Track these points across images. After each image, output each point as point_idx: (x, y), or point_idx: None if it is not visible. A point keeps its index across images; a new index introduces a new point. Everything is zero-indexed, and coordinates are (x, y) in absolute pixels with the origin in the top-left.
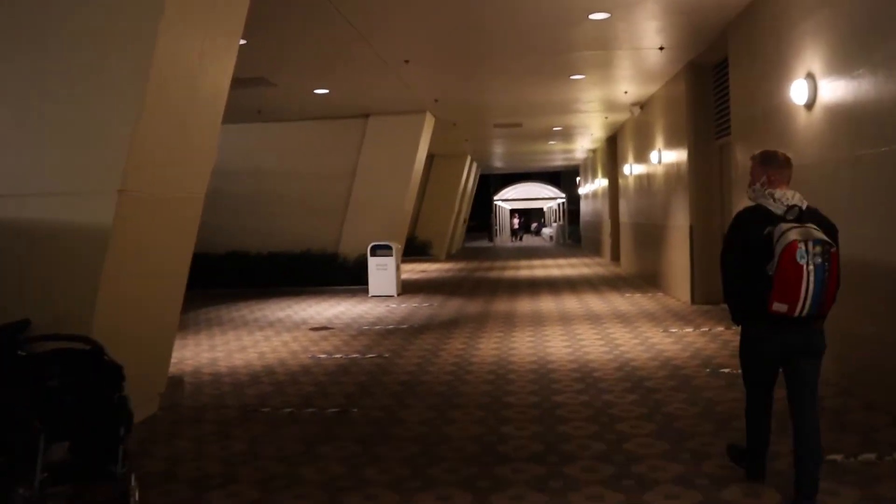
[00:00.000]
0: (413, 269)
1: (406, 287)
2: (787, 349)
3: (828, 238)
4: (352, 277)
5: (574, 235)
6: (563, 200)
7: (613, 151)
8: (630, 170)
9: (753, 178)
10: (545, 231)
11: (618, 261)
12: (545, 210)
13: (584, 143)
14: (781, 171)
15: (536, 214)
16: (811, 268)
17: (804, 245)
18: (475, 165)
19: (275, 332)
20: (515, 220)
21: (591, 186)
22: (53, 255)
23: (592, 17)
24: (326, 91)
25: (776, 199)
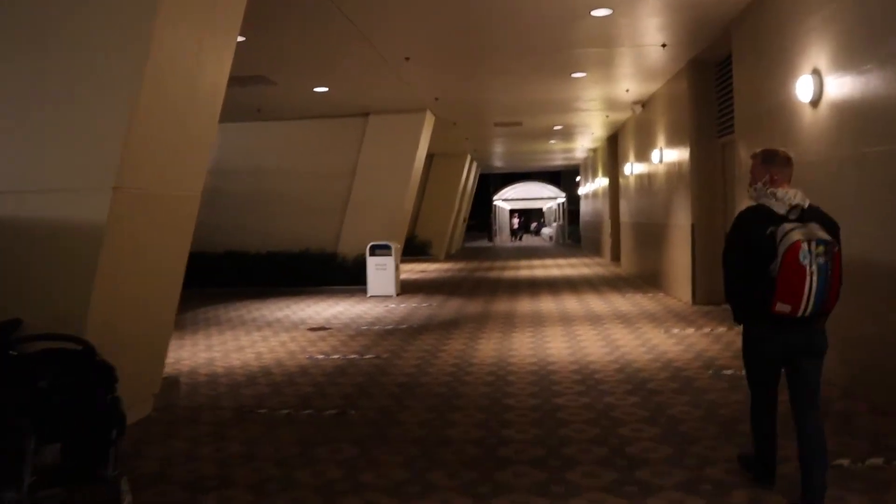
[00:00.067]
0: (412, 269)
1: (405, 287)
2: (790, 349)
3: (830, 237)
4: (351, 277)
5: (574, 235)
6: (563, 200)
7: (614, 150)
8: (631, 169)
9: (755, 177)
10: (545, 231)
11: (618, 261)
12: (545, 210)
13: (585, 143)
14: (783, 170)
15: (536, 214)
16: (814, 268)
17: (807, 245)
18: (475, 165)
19: (272, 333)
20: (515, 220)
21: (592, 186)
22: (48, 253)
23: (594, 14)
24: (326, 89)
25: (778, 199)
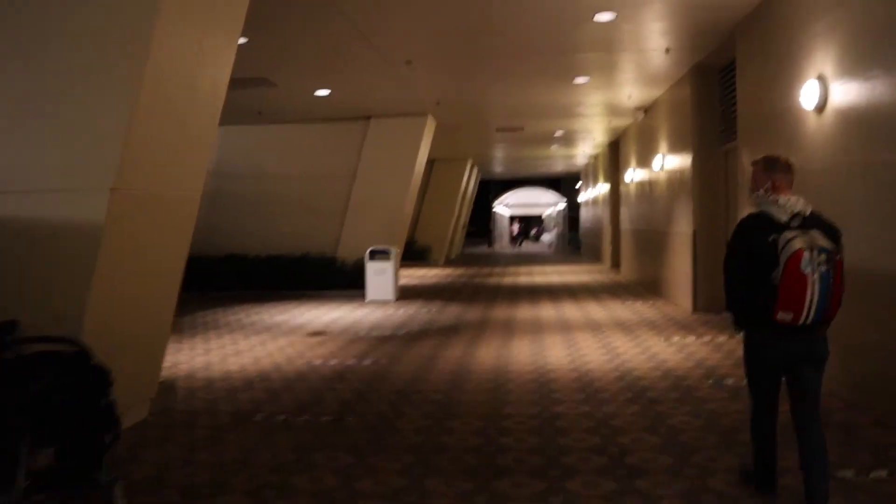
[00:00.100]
0: (411, 274)
1: (404, 292)
2: (791, 357)
3: (832, 244)
4: (350, 281)
5: (574, 242)
6: (563, 206)
7: (615, 157)
8: (632, 175)
9: (757, 184)
10: (545, 237)
11: (618, 268)
12: (545, 216)
13: (586, 149)
14: (785, 177)
15: (536, 220)
16: (816, 276)
17: (809, 253)
18: (475, 170)
19: (271, 337)
20: (515, 226)
21: (592, 192)
22: (45, 253)
23: (598, 18)
24: (327, 92)
25: (780, 206)
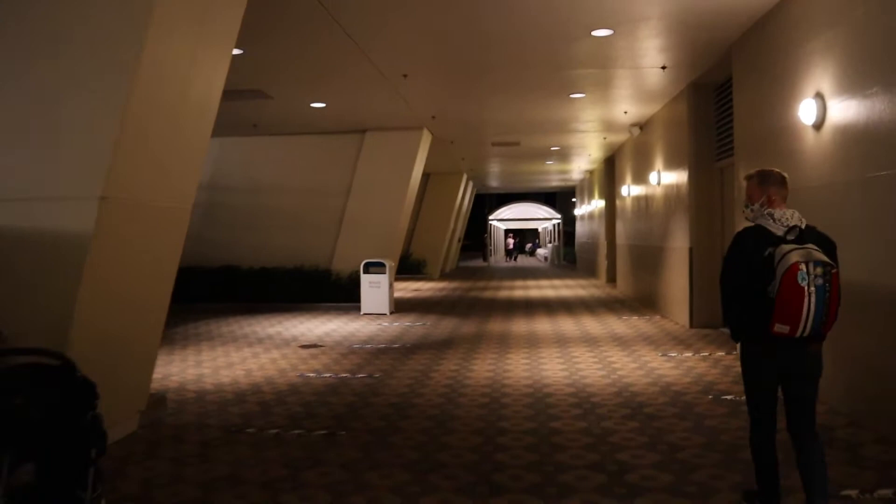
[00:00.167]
0: (406, 288)
1: (399, 305)
2: (786, 369)
3: (828, 258)
4: (344, 294)
5: (569, 257)
6: (559, 221)
7: (611, 172)
8: (628, 191)
9: (752, 198)
10: (540, 252)
11: (614, 282)
12: (540, 231)
13: (582, 164)
14: (780, 190)
15: (531, 235)
16: (812, 289)
17: (805, 267)
18: (471, 184)
19: (263, 349)
20: (510, 241)
21: (588, 207)
22: (32, 262)
23: (595, 34)
24: (323, 105)
25: (776, 220)
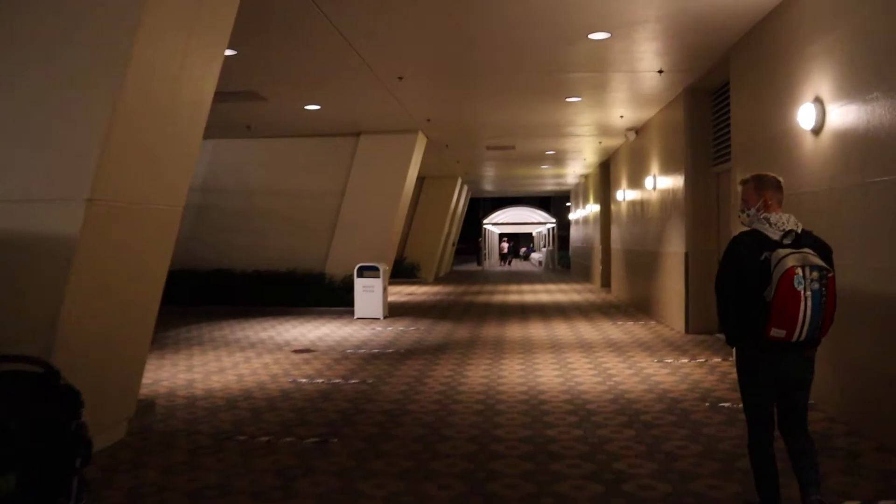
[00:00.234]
0: (400, 292)
1: (393, 310)
2: (781, 374)
3: (824, 262)
4: (338, 298)
5: (564, 261)
6: (553, 225)
7: (606, 177)
8: (623, 195)
9: (748, 203)
10: (534, 256)
11: (608, 287)
12: (535, 235)
13: (577, 168)
14: (776, 194)
15: (526, 239)
16: (808, 294)
17: (801, 271)
18: (466, 188)
19: (256, 354)
20: (504, 245)
21: (583, 212)
22: (16, 265)
23: (592, 37)
24: (318, 107)
25: (772, 224)
